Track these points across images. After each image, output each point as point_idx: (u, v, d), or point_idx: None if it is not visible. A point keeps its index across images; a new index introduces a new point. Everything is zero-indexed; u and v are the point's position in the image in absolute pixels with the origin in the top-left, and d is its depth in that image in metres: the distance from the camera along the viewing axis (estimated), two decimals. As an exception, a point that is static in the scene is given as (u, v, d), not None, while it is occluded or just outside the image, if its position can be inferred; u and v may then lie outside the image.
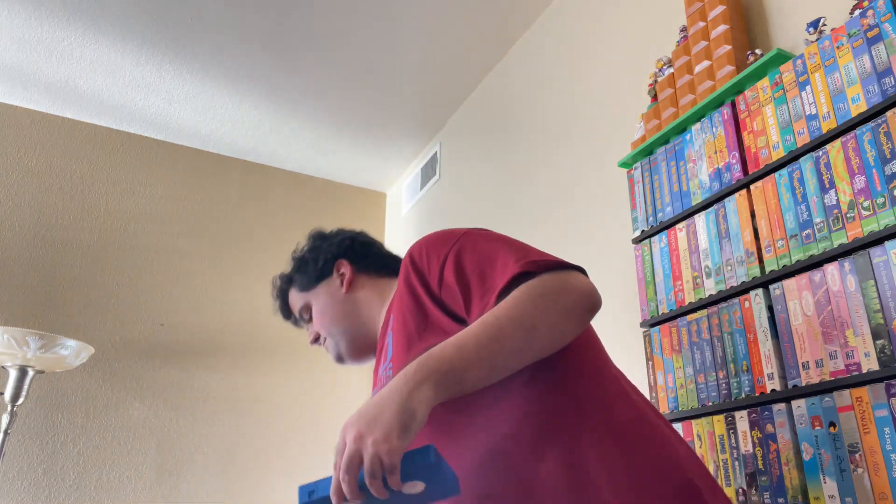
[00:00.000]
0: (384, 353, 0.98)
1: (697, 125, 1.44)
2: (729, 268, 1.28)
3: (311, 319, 1.21)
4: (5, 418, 1.95)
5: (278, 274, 1.28)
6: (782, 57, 1.31)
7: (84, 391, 2.63)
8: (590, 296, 0.79)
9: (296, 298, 1.23)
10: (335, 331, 1.15)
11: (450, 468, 0.69)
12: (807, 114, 1.20)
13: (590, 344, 0.88)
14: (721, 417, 1.22)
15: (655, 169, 1.54)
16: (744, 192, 1.28)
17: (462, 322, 0.86)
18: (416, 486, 0.67)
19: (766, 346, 1.17)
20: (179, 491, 2.66)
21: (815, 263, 1.12)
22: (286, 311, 1.26)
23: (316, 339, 1.20)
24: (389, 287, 1.16)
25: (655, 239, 1.48)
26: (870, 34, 1.11)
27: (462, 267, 0.87)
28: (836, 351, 1.05)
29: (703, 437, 1.25)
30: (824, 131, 1.15)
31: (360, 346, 1.15)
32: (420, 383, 0.69)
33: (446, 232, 0.96)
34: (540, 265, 0.80)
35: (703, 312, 1.31)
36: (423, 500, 0.70)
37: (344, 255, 1.20)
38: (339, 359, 1.17)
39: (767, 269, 1.20)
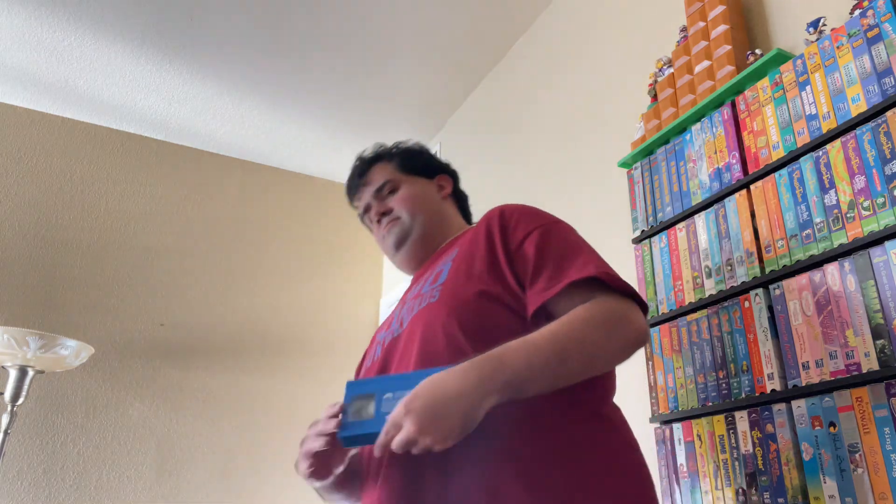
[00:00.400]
0: (434, 277, 1.01)
1: (697, 125, 1.44)
2: (729, 268, 1.28)
3: (388, 195, 1.19)
4: (5, 418, 1.95)
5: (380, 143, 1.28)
6: (782, 57, 1.31)
7: (84, 391, 2.63)
8: (644, 334, 0.86)
9: (387, 171, 1.21)
10: (419, 215, 1.15)
11: None
12: (807, 114, 1.20)
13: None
14: (721, 417, 1.22)
15: (655, 169, 1.53)
16: (744, 192, 1.28)
17: (520, 287, 0.91)
18: None
19: (766, 346, 1.17)
20: (179, 491, 2.66)
21: (815, 263, 1.12)
22: (361, 172, 1.23)
23: (384, 214, 1.17)
24: (458, 226, 1.21)
25: (655, 239, 1.48)
26: (870, 34, 1.11)
27: (546, 244, 0.93)
28: (836, 351, 1.05)
29: (703, 437, 1.25)
30: (824, 131, 1.15)
31: (425, 243, 1.15)
32: (489, 395, 0.75)
33: (540, 210, 1.02)
34: (615, 281, 0.87)
35: (703, 312, 1.31)
36: None
37: (451, 175, 1.28)
38: (401, 242, 1.15)
39: (767, 269, 1.20)
